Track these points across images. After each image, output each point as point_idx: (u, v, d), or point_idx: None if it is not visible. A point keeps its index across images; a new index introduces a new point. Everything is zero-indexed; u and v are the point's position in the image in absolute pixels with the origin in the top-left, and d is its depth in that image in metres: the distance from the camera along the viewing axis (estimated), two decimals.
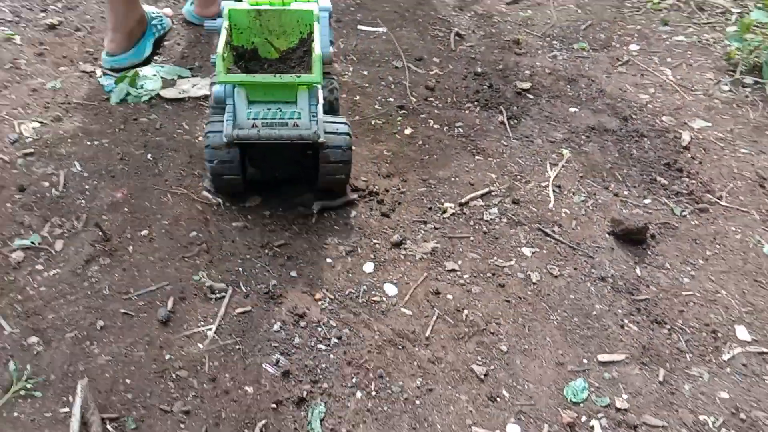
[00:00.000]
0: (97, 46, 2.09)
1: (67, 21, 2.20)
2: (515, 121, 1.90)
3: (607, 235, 1.52)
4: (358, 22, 2.35)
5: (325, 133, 1.38)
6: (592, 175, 1.71)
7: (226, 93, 1.34)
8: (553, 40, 2.35)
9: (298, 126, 1.33)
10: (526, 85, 2.04)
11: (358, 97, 1.95)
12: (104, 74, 1.95)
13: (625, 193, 1.66)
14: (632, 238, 1.48)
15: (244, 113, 1.32)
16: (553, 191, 1.64)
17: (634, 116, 1.93)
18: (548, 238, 1.51)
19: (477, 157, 1.75)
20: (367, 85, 2.01)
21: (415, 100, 1.96)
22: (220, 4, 1.46)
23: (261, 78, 1.31)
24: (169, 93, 1.87)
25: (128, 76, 1.86)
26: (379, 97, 1.96)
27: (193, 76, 1.98)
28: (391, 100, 1.95)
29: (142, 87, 1.87)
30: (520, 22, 2.45)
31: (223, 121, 1.33)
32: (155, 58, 2.05)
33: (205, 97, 1.89)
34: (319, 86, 1.40)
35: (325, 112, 1.47)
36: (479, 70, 2.12)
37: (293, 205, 1.53)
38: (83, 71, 1.97)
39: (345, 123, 1.44)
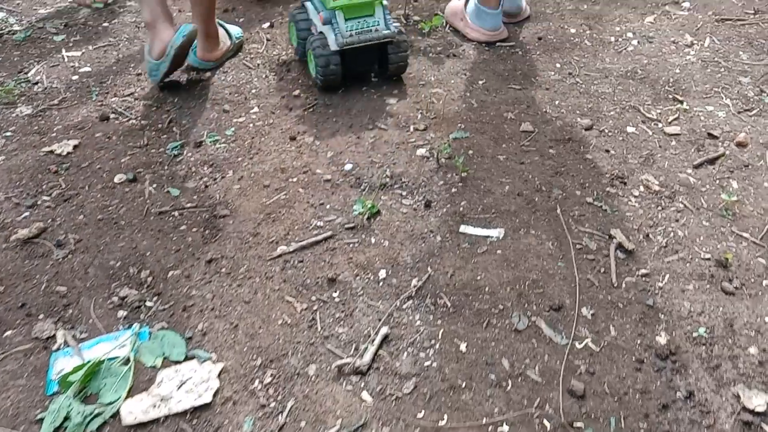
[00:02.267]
0: (75, 277, 1.36)
1: (51, 227, 1.49)
2: None
3: None
4: (462, 216, 1.47)
5: None
6: None
7: (331, 16, 1.80)
8: None
9: (378, 30, 1.83)
10: (760, 402, 1.05)
11: (445, 418, 1.06)
12: (65, 344, 1.22)
13: None
14: None
15: (344, 28, 1.80)
16: None
17: None
18: None
19: None
20: (463, 382, 1.12)
21: (549, 426, 1.05)
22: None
23: (354, 1, 1.77)
24: (136, 407, 1.09)
25: (76, 381, 1.10)
26: (485, 420, 1.06)
27: (188, 355, 1.19)
28: (506, 430, 1.05)
29: (98, 393, 1.11)
30: (722, 210, 1.46)
31: (323, 39, 1.84)
32: (147, 304, 1.29)
33: (193, 410, 1.09)
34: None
35: None
36: (663, 340, 1.17)
37: None
38: (36, 338, 1.24)
39: (402, 30, 1.91)
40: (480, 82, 2.00)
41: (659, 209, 1.48)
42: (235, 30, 2.20)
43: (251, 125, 1.82)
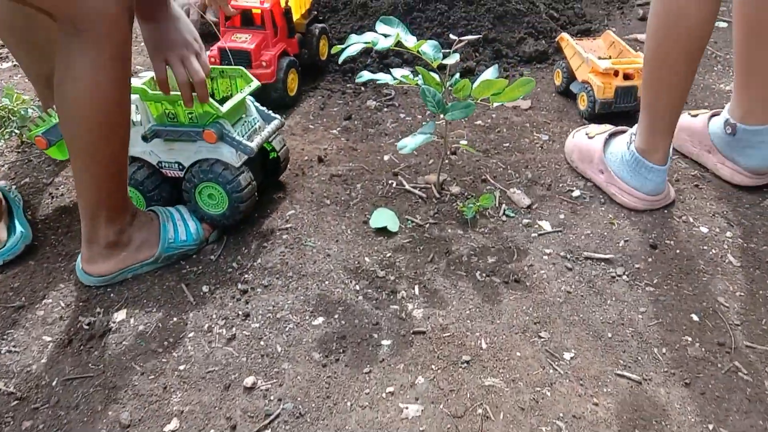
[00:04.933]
0: None
1: None
2: None
3: None
4: None
5: None
6: None
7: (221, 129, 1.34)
8: None
9: (264, 126, 1.44)
10: None
11: None
12: None
13: None
14: None
15: (238, 134, 1.35)
16: None
17: None
18: None
19: None
20: None
21: None
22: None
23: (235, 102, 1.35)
24: None
25: None
26: None
27: None
28: None
29: None
30: None
31: (215, 162, 1.35)
32: None
33: None
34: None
35: None
36: None
37: None
38: None
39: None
40: (566, 357, 1.12)
41: None
42: (197, 229, 1.41)
43: None
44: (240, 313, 1.24)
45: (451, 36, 1.45)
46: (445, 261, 1.35)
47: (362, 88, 2.06)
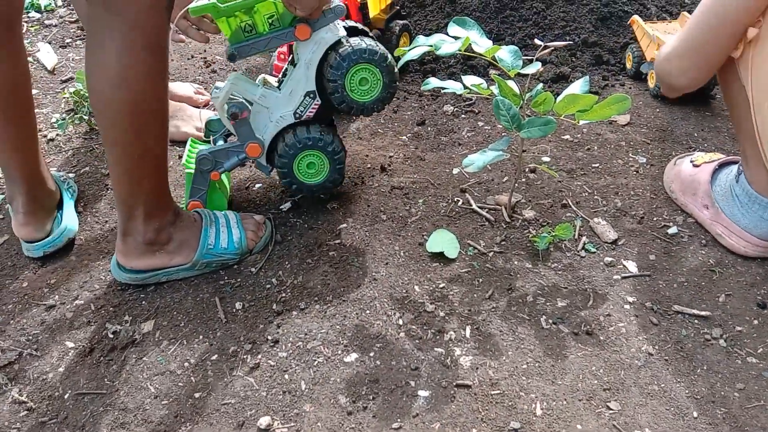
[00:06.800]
0: None
1: None
2: None
3: None
4: None
5: None
6: None
7: None
8: None
9: None
10: None
11: None
12: None
13: None
14: None
15: None
16: None
17: None
18: None
19: None
20: None
21: None
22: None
23: None
24: None
25: None
26: None
27: None
28: None
29: None
30: None
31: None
32: None
33: None
34: None
35: None
36: None
37: None
38: None
39: None
40: None
41: None
42: (240, 238, 1.31)
43: None
44: (269, 338, 1.13)
45: (536, 41, 1.26)
46: (506, 299, 1.18)
47: (441, 91, 1.89)
